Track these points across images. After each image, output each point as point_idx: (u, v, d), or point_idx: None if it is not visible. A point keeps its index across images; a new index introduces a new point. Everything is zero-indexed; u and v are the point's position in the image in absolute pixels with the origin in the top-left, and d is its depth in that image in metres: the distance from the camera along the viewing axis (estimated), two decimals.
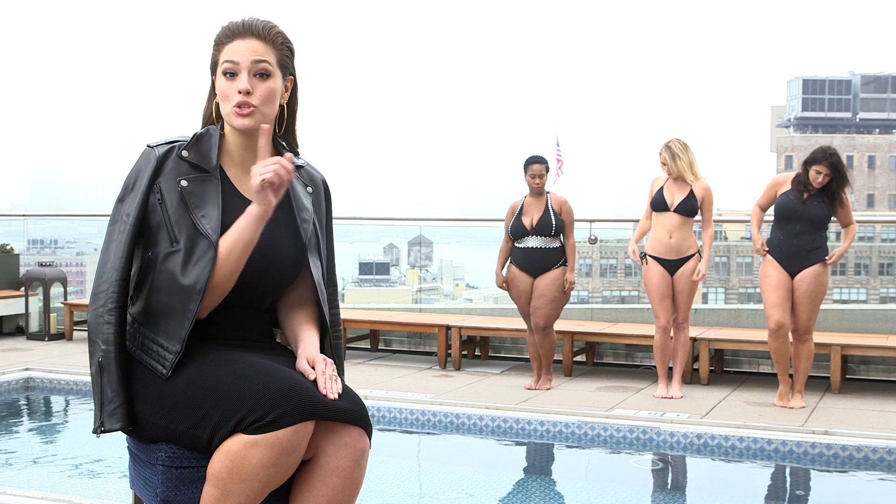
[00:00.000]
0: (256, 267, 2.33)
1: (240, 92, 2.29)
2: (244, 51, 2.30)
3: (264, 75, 2.31)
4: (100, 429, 2.27)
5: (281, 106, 2.40)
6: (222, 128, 2.39)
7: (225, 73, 2.31)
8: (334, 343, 2.49)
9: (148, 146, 2.35)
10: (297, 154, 2.49)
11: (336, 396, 2.17)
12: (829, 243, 6.33)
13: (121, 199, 2.33)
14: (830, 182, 6.17)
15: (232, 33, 2.33)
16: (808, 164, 6.21)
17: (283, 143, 2.46)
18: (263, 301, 2.43)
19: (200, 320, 2.29)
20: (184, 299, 2.24)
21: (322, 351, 2.45)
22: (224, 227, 2.29)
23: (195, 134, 2.38)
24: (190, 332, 2.25)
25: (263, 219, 2.26)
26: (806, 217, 6.18)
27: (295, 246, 2.39)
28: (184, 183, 2.29)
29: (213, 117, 2.41)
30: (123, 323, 2.29)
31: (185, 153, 2.32)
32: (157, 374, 2.24)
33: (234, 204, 2.34)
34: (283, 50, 2.37)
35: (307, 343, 2.35)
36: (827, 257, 6.23)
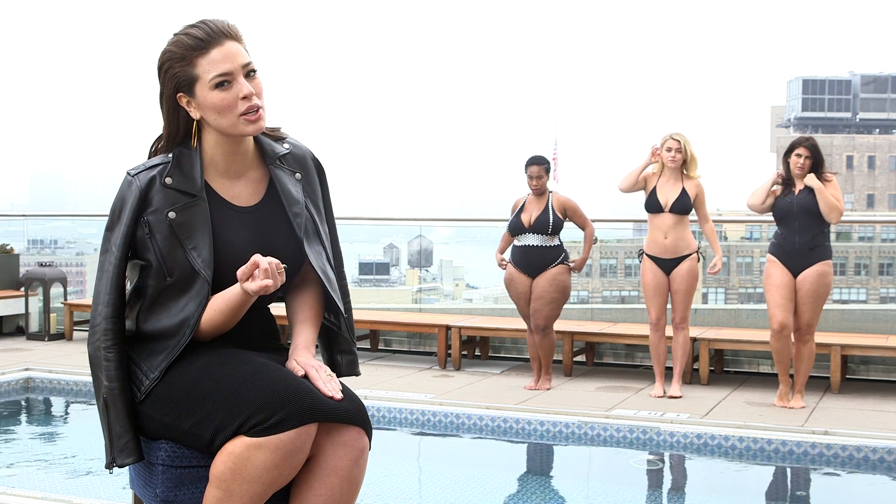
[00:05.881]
0: None
1: (245, 98, 2.24)
2: (230, 57, 2.24)
3: (253, 73, 2.28)
4: (112, 464, 2.28)
5: None
6: (199, 142, 2.32)
7: (217, 86, 2.23)
8: (346, 316, 2.49)
9: (128, 174, 2.30)
10: (280, 137, 2.44)
11: (341, 396, 2.18)
12: (828, 243, 6.33)
13: (109, 228, 2.31)
14: (813, 169, 6.22)
15: (203, 43, 2.23)
16: (787, 153, 6.30)
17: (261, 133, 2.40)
18: (268, 300, 2.44)
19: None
20: (173, 331, 2.27)
21: (330, 334, 2.49)
22: (219, 246, 2.28)
23: (174, 155, 2.31)
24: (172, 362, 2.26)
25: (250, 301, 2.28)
26: (801, 211, 6.18)
27: (292, 242, 2.38)
28: (172, 215, 2.26)
29: (187, 134, 2.31)
30: (123, 358, 2.30)
31: (168, 180, 2.27)
32: (132, 394, 2.28)
33: (225, 218, 2.32)
34: (243, 41, 2.32)
35: (299, 341, 2.35)
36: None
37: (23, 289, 9.54)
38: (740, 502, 5.06)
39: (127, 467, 2.36)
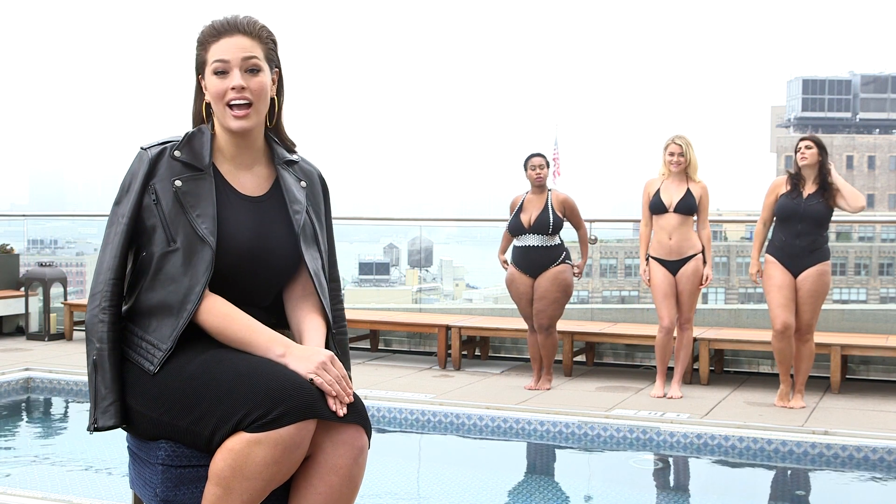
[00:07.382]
0: (251, 263, 2.34)
1: (233, 89, 2.31)
2: (233, 48, 2.32)
3: (255, 71, 2.33)
4: (93, 426, 2.28)
5: (271, 99, 2.42)
6: (213, 126, 2.40)
7: (216, 73, 2.32)
8: (338, 339, 2.49)
9: (141, 148, 2.37)
10: (293, 150, 2.51)
11: (344, 412, 2.16)
12: (827, 245, 6.34)
13: (117, 202, 2.35)
14: (823, 173, 6.21)
15: (217, 32, 2.34)
16: (796, 149, 6.35)
17: (276, 139, 2.48)
18: (263, 298, 2.43)
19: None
20: (180, 298, 2.26)
21: (326, 346, 2.45)
22: (219, 225, 2.30)
23: (187, 133, 2.40)
24: (183, 331, 2.25)
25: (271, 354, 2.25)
26: (807, 216, 6.18)
27: (289, 238, 2.40)
28: (178, 183, 2.31)
29: (202, 117, 2.42)
30: (118, 321, 2.31)
31: (177, 153, 2.34)
32: (144, 370, 2.25)
33: (228, 200, 2.35)
34: (269, 43, 2.39)
35: (309, 344, 2.34)
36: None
37: (23, 289, 9.54)
38: (740, 502, 5.06)
39: (128, 467, 2.36)
